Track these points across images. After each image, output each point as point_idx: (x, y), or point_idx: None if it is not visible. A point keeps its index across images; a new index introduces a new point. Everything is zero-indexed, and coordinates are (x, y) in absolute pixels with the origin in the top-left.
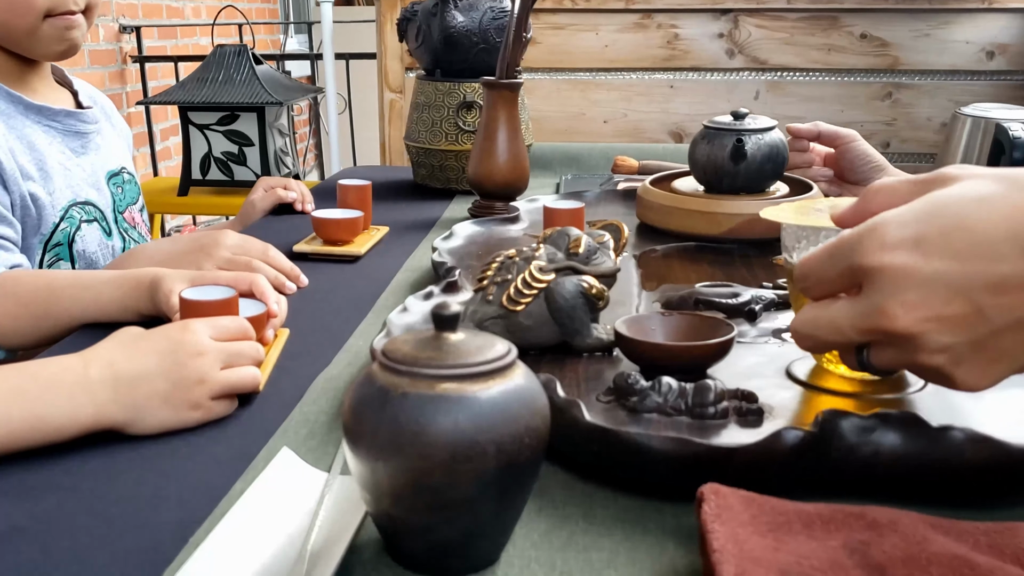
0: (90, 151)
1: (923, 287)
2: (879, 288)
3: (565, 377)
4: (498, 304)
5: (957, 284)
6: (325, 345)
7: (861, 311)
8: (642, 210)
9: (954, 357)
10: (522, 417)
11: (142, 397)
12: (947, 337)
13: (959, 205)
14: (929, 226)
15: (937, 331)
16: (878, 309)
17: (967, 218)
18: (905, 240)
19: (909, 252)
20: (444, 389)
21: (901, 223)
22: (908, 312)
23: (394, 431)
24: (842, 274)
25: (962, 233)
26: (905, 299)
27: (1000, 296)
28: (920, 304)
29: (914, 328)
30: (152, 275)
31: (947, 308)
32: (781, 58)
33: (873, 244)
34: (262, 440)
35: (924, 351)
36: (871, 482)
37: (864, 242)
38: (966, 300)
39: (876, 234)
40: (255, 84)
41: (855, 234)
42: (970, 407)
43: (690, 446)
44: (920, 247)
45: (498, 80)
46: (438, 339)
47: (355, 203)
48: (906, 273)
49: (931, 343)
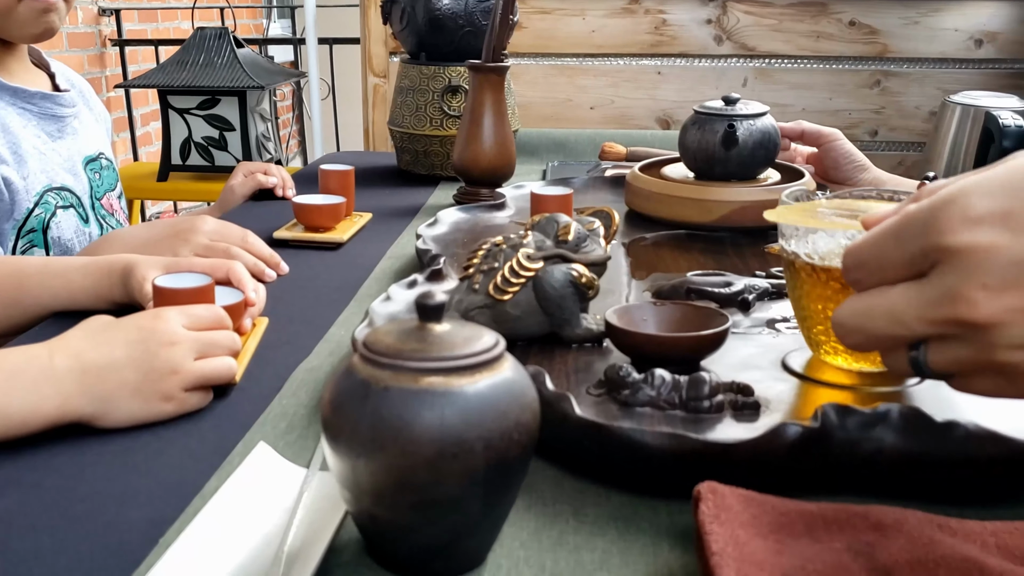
0: (67, 135)
1: (1010, 269)
2: (957, 269)
3: (554, 369)
4: (484, 293)
5: None
6: (305, 334)
7: (932, 297)
8: (631, 197)
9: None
10: (511, 412)
11: (111, 388)
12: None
13: None
14: (1017, 196)
15: (1021, 323)
16: (954, 294)
17: None
18: (992, 214)
19: (995, 228)
20: (429, 383)
21: (985, 193)
22: (992, 298)
23: (376, 427)
24: (911, 258)
25: None
26: (989, 282)
27: None
28: (1007, 289)
29: (997, 317)
30: (125, 262)
31: None
32: (769, 45)
33: (953, 218)
34: (238, 434)
35: (1003, 346)
36: (873, 478)
37: (941, 217)
38: None
39: (957, 207)
40: (236, 68)
41: (928, 208)
42: (972, 401)
43: (686, 442)
44: (1009, 222)
45: (484, 64)
46: (422, 330)
47: (337, 189)
48: (991, 252)
49: (1012, 337)
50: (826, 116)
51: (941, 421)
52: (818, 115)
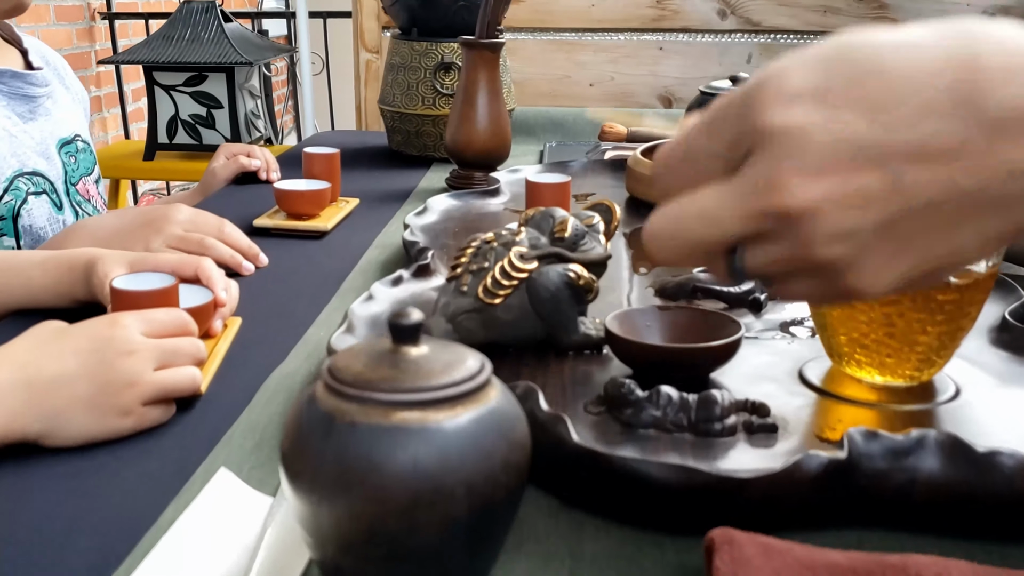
0: (39, 117)
1: (827, 149)
2: (770, 154)
3: (549, 381)
4: (473, 296)
5: (871, 147)
6: (282, 335)
7: (745, 189)
8: (632, 183)
9: (857, 247)
10: (498, 450)
11: (61, 403)
12: (852, 219)
13: (874, 48)
14: (835, 70)
15: (841, 210)
16: (768, 181)
17: (883, 61)
18: (807, 90)
19: (812, 105)
20: (402, 418)
21: (802, 69)
22: (807, 183)
23: (340, 468)
24: (724, 149)
25: (879, 81)
26: (803, 165)
27: (922, 164)
28: (823, 172)
29: (812, 205)
30: (88, 257)
31: (856, 178)
32: (775, 19)
33: (767, 97)
34: (202, 452)
35: (820, 239)
36: (906, 512)
37: (755, 96)
38: (879, 168)
39: (771, 84)
40: (224, 43)
41: (742, 90)
42: (1017, 425)
43: (696, 475)
44: (825, 99)
45: (478, 40)
46: (396, 354)
47: (322, 173)
48: (806, 132)
49: (831, 226)
50: None
51: (983, 451)
52: None
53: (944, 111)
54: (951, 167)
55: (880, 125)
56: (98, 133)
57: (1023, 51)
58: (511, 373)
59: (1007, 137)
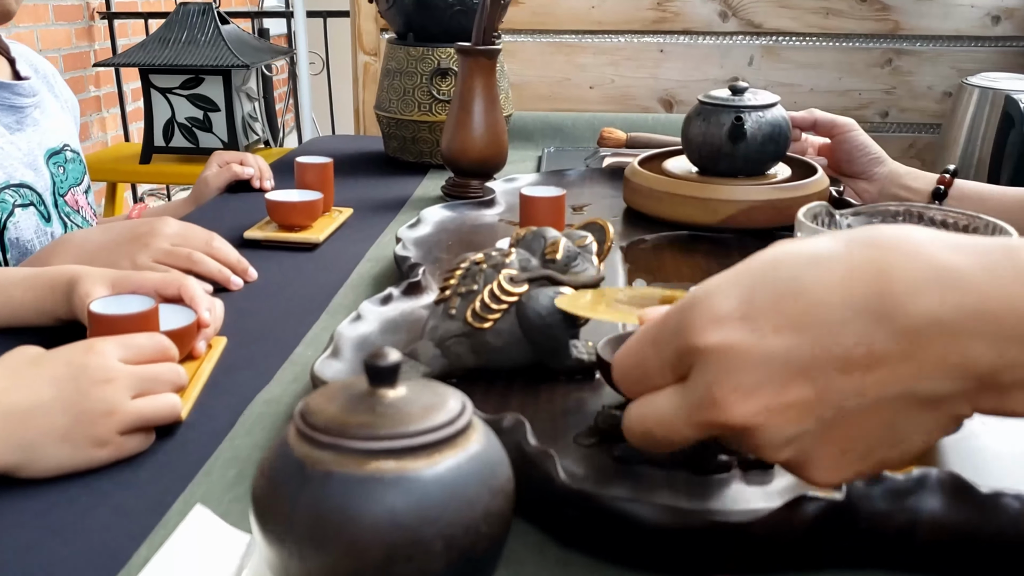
0: (27, 127)
1: (758, 368)
2: (709, 372)
3: (540, 409)
4: (462, 320)
5: (796, 362)
6: (269, 356)
7: (691, 402)
8: (630, 194)
9: (801, 451)
10: (479, 500)
11: (35, 434)
12: (791, 428)
13: (788, 267)
14: (756, 293)
15: (778, 422)
16: (710, 398)
17: (799, 281)
18: (732, 313)
19: (738, 327)
20: (378, 468)
21: (726, 292)
22: (743, 400)
23: (313, 520)
24: (670, 361)
25: (796, 300)
26: (738, 384)
27: (847, 374)
28: (755, 390)
29: (753, 419)
30: (69, 275)
31: (787, 393)
32: (777, 22)
33: (698, 319)
34: (181, 484)
35: (767, 447)
36: (907, 555)
37: (688, 318)
38: (807, 381)
39: (702, 308)
40: (220, 45)
41: (678, 310)
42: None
43: (690, 517)
44: (750, 320)
45: (474, 46)
46: (372, 396)
47: (314, 183)
48: (736, 353)
49: (773, 437)
50: (835, 96)
51: (987, 492)
52: (827, 95)
53: (861, 325)
54: (874, 375)
55: (804, 341)
56: (97, 133)
57: (928, 259)
58: (500, 400)
59: (924, 344)
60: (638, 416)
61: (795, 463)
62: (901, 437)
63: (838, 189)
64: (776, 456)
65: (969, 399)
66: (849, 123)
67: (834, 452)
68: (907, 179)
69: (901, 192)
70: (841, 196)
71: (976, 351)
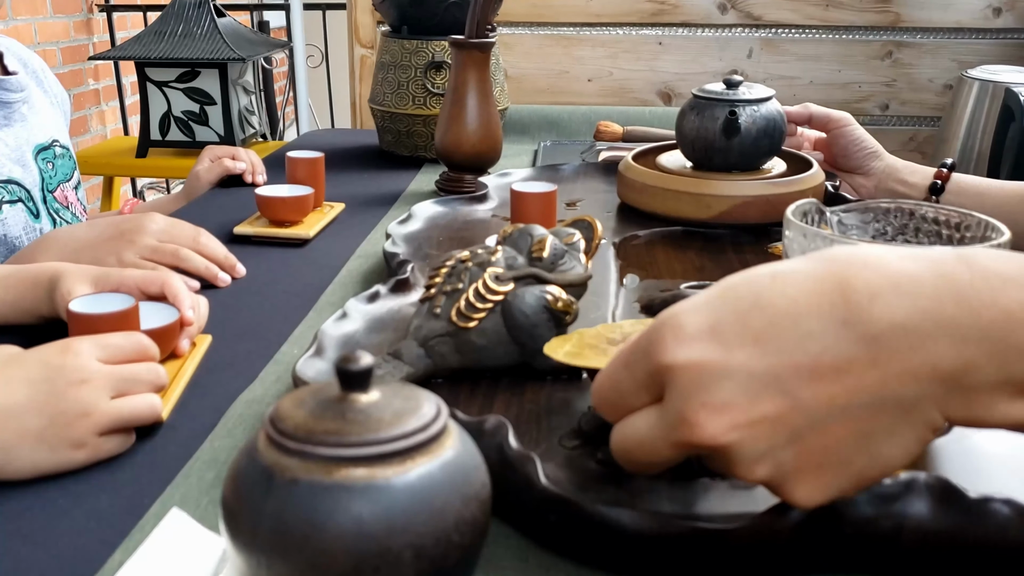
0: (14, 123)
1: (725, 384)
2: (679, 391)
3: (524, 410)
4: (446, 319)
5: (763, 374)
6: (253, 355)
7: (666, 422)
8: (623, 189)
9: (777, 467)
10: (450, 508)
11: (11, 436)
12: (763, 443)
13: (750, 284)
14: (721, 310)
15: (751, 438)
16: (682, 417)
17: (762, 295)
18: (700, 330)
19: (705, 343)
20: (345, 475)
21: (693, 310)
22: (712, 417)
23: (279, 529)
24: (643, 383)
25: (760, 313)
26: (707, 401)
27: (816, 383)
28: (725, 406)
29: (723, 438)
30: (51, 272)
31: (757, 407)
32: (776, 14)
33: (665, 338)
34: (159, 486)
35: (743, 464)
36: (893, 560)
37: (656, 338)
38: (777, 393)
39: (668, 327)
40: (217, 38)
41: (647, 332)
42: (1013, 470)
43: (672, 524)
44: (716, 336)
45: (467, 40)
46: (343, 402)
47: (305, 178)
48: (703, 369)
49: (747, 453)
50: (835, 89)
51: (975, 496)
52: (827, 88)
53: (826, 333)
54: (843, 383)
55: (770, 353)
56: (96, 126)
57: (885, 268)
58: (485, 400)
59: (887, 349)
60: (620, 438)
61: (774, 481)
62: (878, 448)
63: (834, 184)
64: (753, 474)
65: (938, 404)
66: (845, 117)
67: (811, 467)
68: (904, 173)
69: (898, 187)
70: (837, 191)
71: (937, 353)
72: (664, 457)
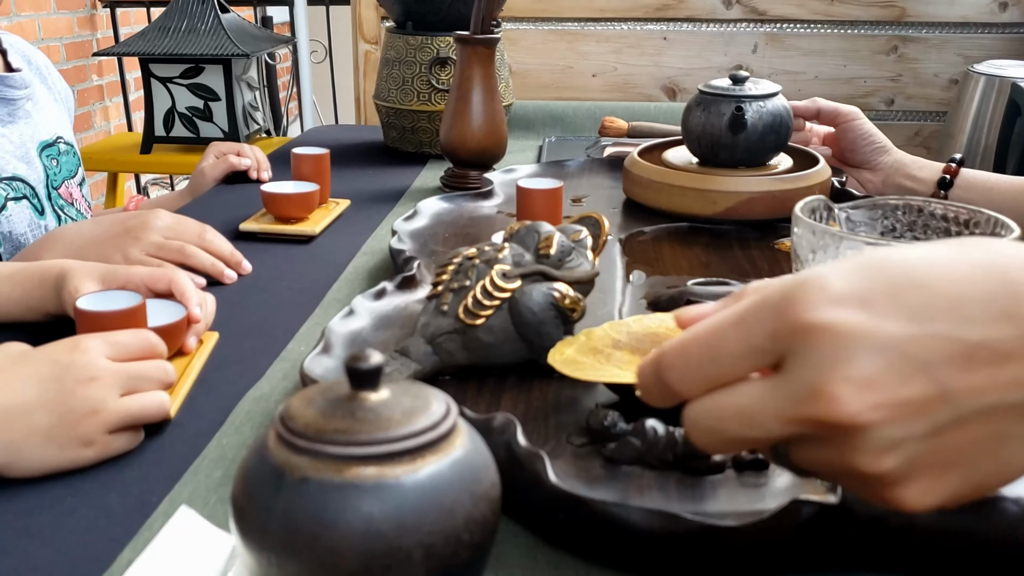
0: (19, 120)
1: (874, 358)
2: (816, 359)
3: (532, 408)
4: (454, 316)
5: (917, 355)
6: (260, 352)
7: (789, 393)
8: (629, 185)
9: (906, 461)
10: (460, 507)
11: (20, 435)
12: (900, 429)
13: (903, 263)
14: (875, 280)
15: (890, 422)
16: (814, 389)
17: (917, 274)
18: (852, 294)
19: (856, 309)
20: (356, 474)
21: (843, 274)
22: (856, 393)
23: (289, 528)
24: (756, 348)
25: (917, 291)
26: (852, 374)
27: (969, 372)
28: (872, 382)
29: (863, 416)
30: (58, 269)
31: (905, 388)
32: (781, 8)
33: (812, 296)
34: (167, 484)
35: (869, 451)
36: (902, 559)
37: (799, 295)
38: (927, 377)
39: (815, 285)
40: (221, 34)
41: (779, 290)
42: None
43: (680, 523)
44: (869, 305)
45: (472, 35)
46: (353, 401)
47: (310, 174)
48: (852, 337)
49: (881, 439)
50: (840, 84)
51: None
52: (832, 83)
53: (989, 320)
54: (994, 378)
55: (926, 334)
56: (100, 122)
57: None
58: (493, 398)
59: None
60: (712, 407)
61: (893, 477)
62: (1009, 455)
63: (840, 180)
64: (875, 465)
65: None
66: (853, 111)
67: (939, 465)
68: (912, 168)
69: (906, 182)
70: (843, 187)
71: None
72: (768, 435)
